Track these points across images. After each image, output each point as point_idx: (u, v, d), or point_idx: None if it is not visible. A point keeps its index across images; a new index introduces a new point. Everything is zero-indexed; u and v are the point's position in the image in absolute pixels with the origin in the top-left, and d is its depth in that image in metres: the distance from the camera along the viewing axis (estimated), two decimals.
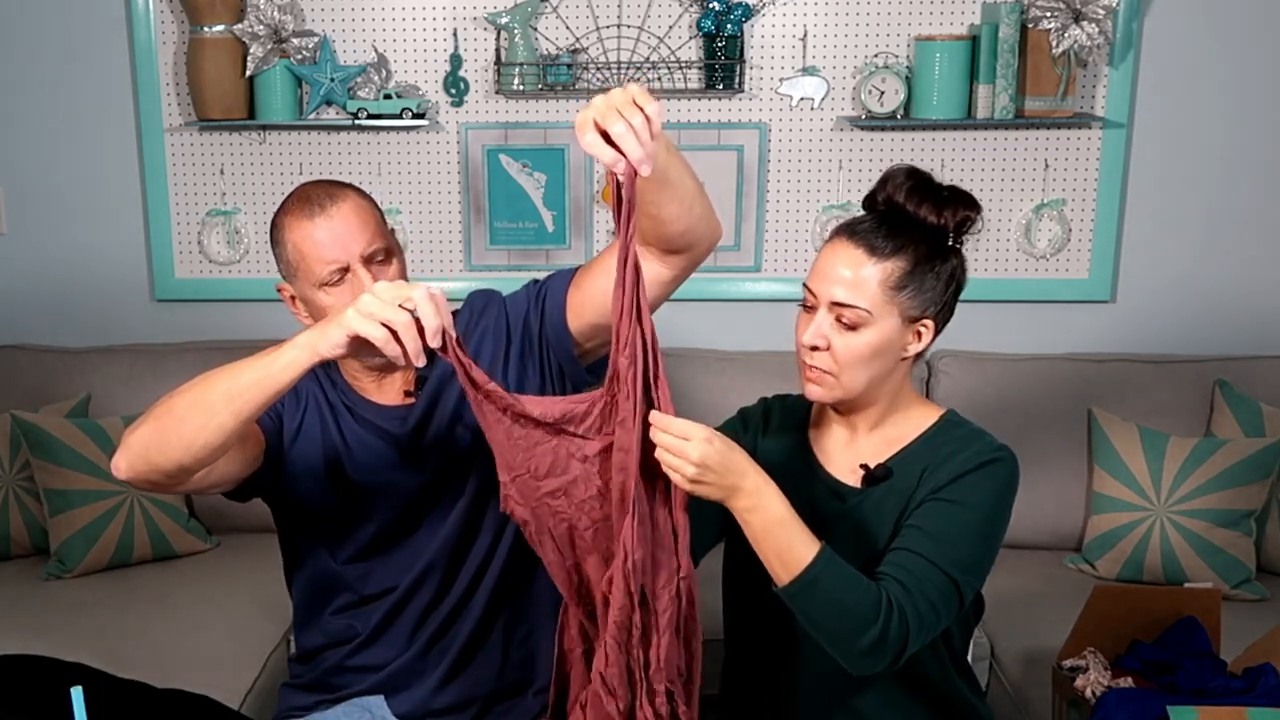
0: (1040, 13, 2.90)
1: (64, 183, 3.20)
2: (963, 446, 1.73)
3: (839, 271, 1.69)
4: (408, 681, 1.93)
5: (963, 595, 1.67)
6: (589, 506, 1.58)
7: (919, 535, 1.66)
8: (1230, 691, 1.95)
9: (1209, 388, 2.99)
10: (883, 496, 1.74)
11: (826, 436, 1.84)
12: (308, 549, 1.95)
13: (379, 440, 1.87)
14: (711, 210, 1.75)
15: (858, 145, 3.12)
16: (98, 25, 3.11)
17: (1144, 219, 3.17)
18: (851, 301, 1.68)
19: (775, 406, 1.94)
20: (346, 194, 1.83)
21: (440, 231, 3.19)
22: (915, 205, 1.70)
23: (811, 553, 1.58)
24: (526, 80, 3.04)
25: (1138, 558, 2.80)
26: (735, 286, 3.20)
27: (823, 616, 1.60)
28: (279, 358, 1.54)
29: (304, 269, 1.80)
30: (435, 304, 1.49)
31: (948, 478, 1.69)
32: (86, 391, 3.04)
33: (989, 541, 1.71)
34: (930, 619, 1.63)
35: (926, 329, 1.73)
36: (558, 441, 1.57)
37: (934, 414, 1.80)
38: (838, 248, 1.71)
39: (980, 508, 1.69)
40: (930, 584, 1.63)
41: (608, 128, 1.44)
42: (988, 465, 1.70)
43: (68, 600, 2.72)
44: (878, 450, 1.78)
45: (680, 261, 1.77)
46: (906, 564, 1.64)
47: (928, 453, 1.74)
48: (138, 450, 1.61)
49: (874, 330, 1.68)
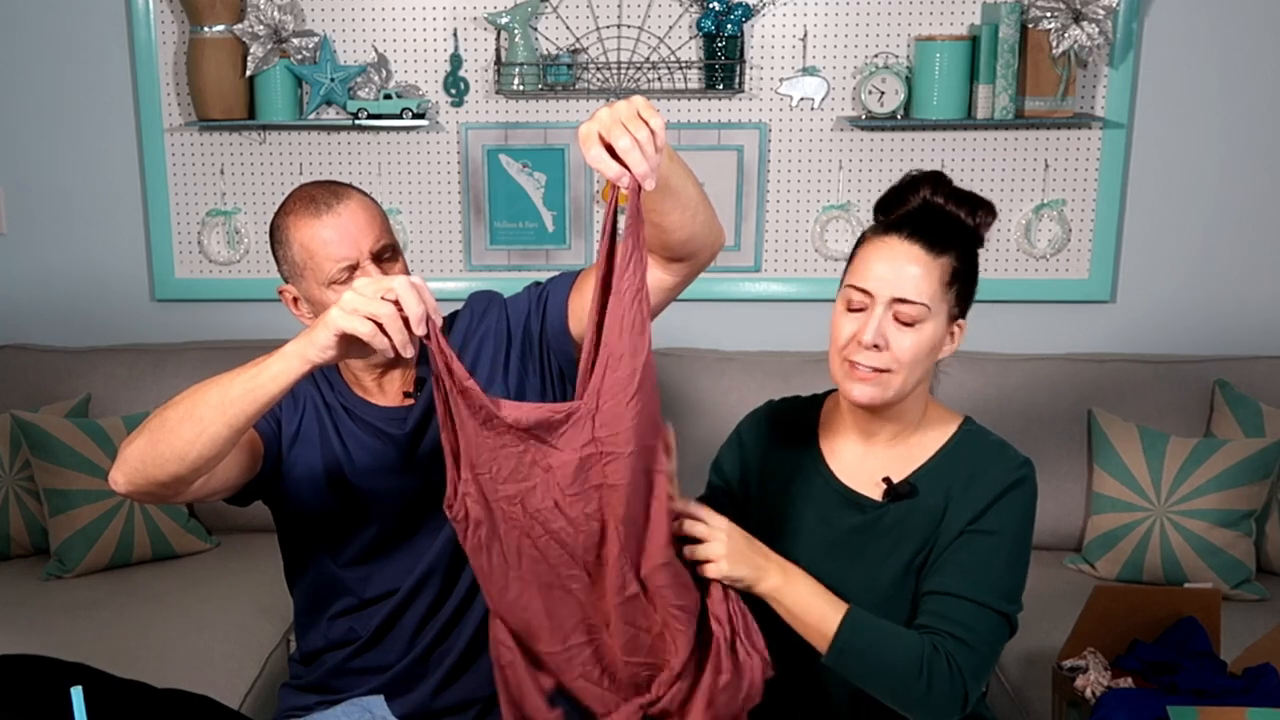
0: (1040, 13, 2.90)
1: (64, 183, 3.20)
2: (988, 464, 1.72)
3: (903, 267, 1.67)
4: (408, 684, 1.92)
5: (1013, 624, 1.68)
6: (544, 518, 1.55)
7: (961, 576, 1.65)
8: (1230, 691, 1.95)
9: (1209, 388, 2.99)
10: (907, 513, 1.72)
11: (840, 444, 1.81)
12: (308, 553, 1.95)
13: (378, 442, 1.87)
14: (714, 217, 1.75)
15: (858, 145, 3.12)
16: (98, 25, 3.11)
17: (1144, 219, 3.17)
18: (915, 297, 1.66)
19: (776, 413, 1.91)
20: (351, 193, 1.83)
21: (440, 231, 3.19)
22: (955, 206, 1.70)
23: (838, 619, 1.60)
24: (526, 80, 3.04)
25: (1138, 558, 2.80)
26: (735, 286, 3.20)
27: (867, 677, 1.62)
28: (268, 368, 1.54)
29: (312, 267, 1.80)
30: (417, 291, 1.48)
31: (981, 504, 1.68)
32: (86, 391, 3.04)
33: (1024, 561, 1.71)
34: (989, 659, 1.64)
35: (960, 329, 1.74)
36: (524, 447, 1.54)
37: (953, 423, 1.79)
38: (892, 244, 1.69)
39: (1014, 532, 1.69)
40: (983, 626, 1.64)
41: (613, 142, 1.44)
42: (1016, 487, 1.70)
43: (68, 600, 2.72)
44: (898, 462, 1.76)
45: (684, 269, 1.77)
46: (955, 614, 1.64)
47: (951, 469, 1.73)
48: (134, 464, 1.61)
49: (930, 326, 1.68)
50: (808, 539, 1.77)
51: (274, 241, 1.87)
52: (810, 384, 1.99)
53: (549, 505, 1.55)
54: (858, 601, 1.68)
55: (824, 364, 3.01)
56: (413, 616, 1.91)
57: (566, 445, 1.53)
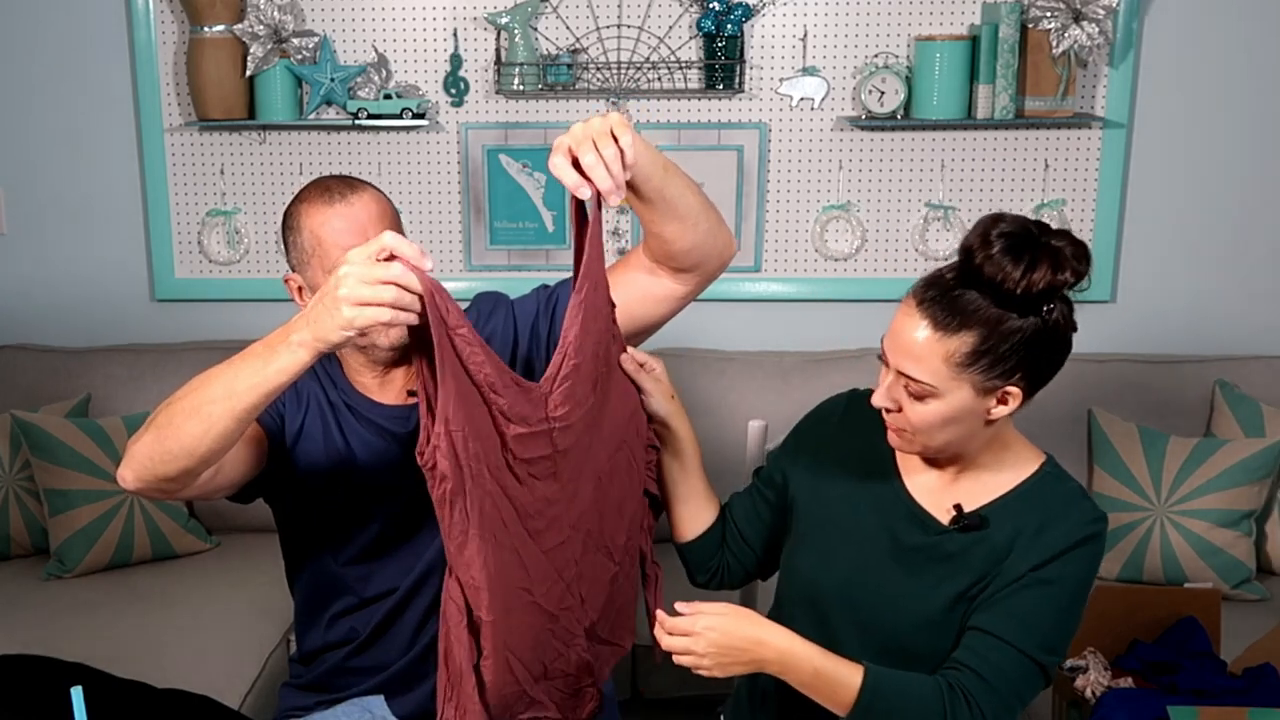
0: (1040, 13, 2.90)
1: (64, 183, 3.21)
2: (1063, 513, 1.65)
3: (902, 341, 1.60)
4: (408, 683, 1.92)
5: (1049, 676, 1.65)
6: (503, 479, 1.57)
7: (1010, 621, 1.61)
8: (1230, 691, 1.95)
9: (1209, 388, 2.99)
10: (972, 544, 1.67)
11: (917, 460, 1.75)
12: (308, 551, 1.95)
13: (381, 441, 1.87)
14: (720, 227, 1.74)
15: (858, 145, 3.12)
16: (98, 25, 3.11)
17: (1144, 219, 3.17)
18: (915, 376, 1.59)
19: (862, 402, 1.80)
20: (366, 187, 1.84)
21: (440, 231, 3.19)
22: (995, 269, 1.54)
23: (856, 682, 1.58)
24: (526, 80, 3.04)
25: (1138, 558, 2.80)
26: (735, 286, 3.20)
27: None
28: (275, 360, 1.52)
29: (320, 254, 1.80)
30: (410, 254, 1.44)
31: (1049, 553, 1.62)
32: (86, 391, 3.04)
33: (1077, 617, 1.67)
34: (1011, 703, 1.62)
35: (1012, 395, 1.60)
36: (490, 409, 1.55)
37: (1034, 461, 1.71)
38: (907, 312, 1.60)
39: (1074, 589, 1.64)
40: (1014, 671, 1.60)
41: (579, 157, 1.48)
42: (1088, 542, 1.63)
43: (68, 600, 2.72)
44: (972, 492, 1.70)
45: (692, 278, 1.78)
46: (988, 654, 1.61)
47: (1024, 510, 1.66)
48: (142, 461, 1.61)
49: (942, 402, 1.59)
50: (872, 544, 1.73)
51: (285, 228, 1.86)
52: (810, 384, 1.99)
53: (506, 465, 1.57)
54: (908, 618, 1.67)
55: (823, 364, 3.04)
56: (413, 616, 1.91)
57: (519, 418, 1.56)
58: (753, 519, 1.88)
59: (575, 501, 1.67)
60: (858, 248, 3.18)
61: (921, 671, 1.64)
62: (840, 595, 1.73)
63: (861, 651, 1.66)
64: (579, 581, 1.70)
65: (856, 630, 1.71)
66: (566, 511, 1.66)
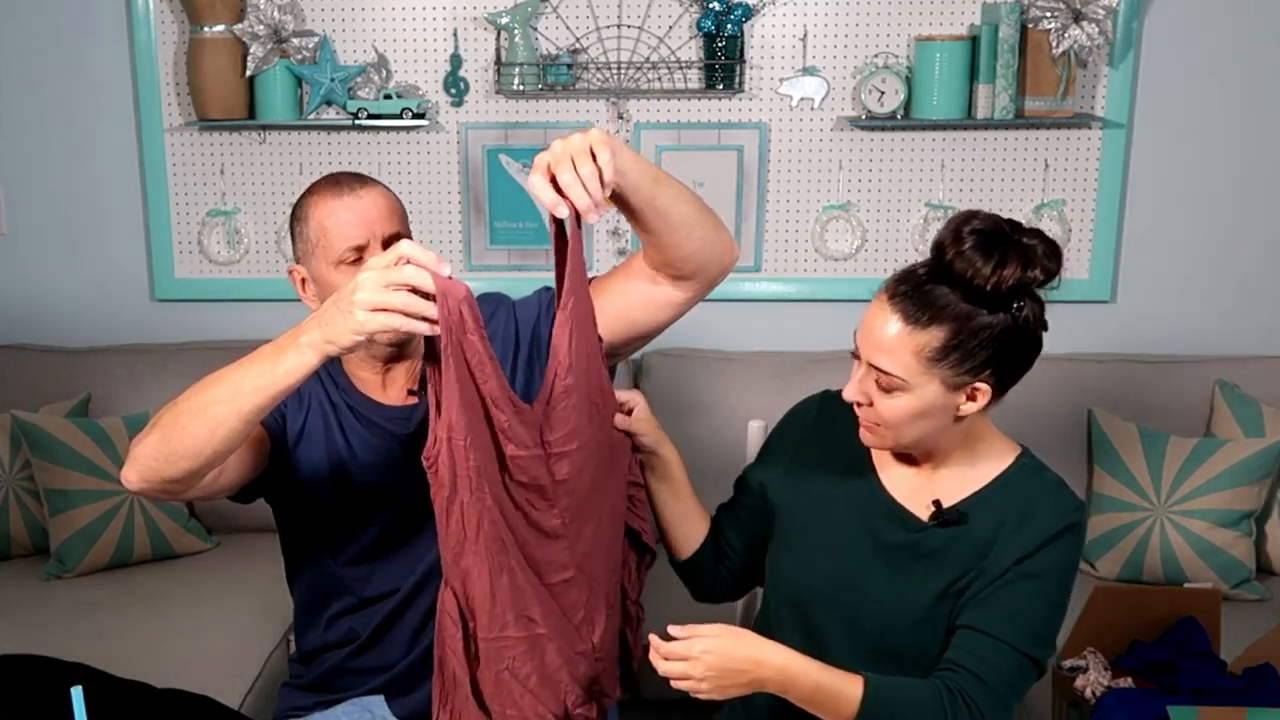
0: (1040, 13, 2.90)
1: (64, 182, 3.20)
2: (1043, 503, 1.66)
3: (874, 334, 1.61)
4: (408, 684, 1.92)
5: (1042, 668, 1.66)
6: (499, 496, 1.56)
7: (1000, 617, 1.62)
8: (1230, 691, 1.95)
9: (1209, 388, 2.99)
10: (953, 539, 1.68)
11: (891, 456, 1.76)
12: (308, 551, 1.95)
13: (382, 441, 1.87)
14: (718, 233, 1.73)
15: (858, 145, 3.12)
16: (98, 25, 3.11)
17: (1144, 219, 3.17)
18: (885, 368, 1.60)
19: (834, 402, 1.80)
20: (375, 183, 1.86)
21: (440, 231, 3.19)
22: (965, 265, 1.56)
23: (857, 694, 1.58)
24: (526, 80, 3.04)
25: (1138, 558, 2.80)
26: (735, 286, 3.19)
27: None
28: (283, 361, 1.53)
29: (324, 244, 1.80)
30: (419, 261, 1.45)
31: (1032, 545, 1.63)
32: (86, 391, 3.04)
33: (1064, 607, 1.68)
34: (1007, 699, 1.63)
35: (981, 392, 1.62)
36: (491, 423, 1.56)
37: (1010, 454, 1.72)
38: (879, 307, 1.62)
39: (1059, 578, 1.65)
40: (1008, 667, 1.61)
41: (556, 175, 1.48)
42: (1069, 532, 1.65)
43: (68, 600, 2.72)
44: (949, 487, 1.71)
45: (692, 285, 1.77)
46: (983, 654, 1.61)
47: (1003, 502, 1.67)
48: (147, 462, 1.61)
49: (912, 396, 1.60)
50: (853, 542, 1.73)
51: (293, 219, 1.87)
52: (810, 384, 1.98)
53: (503, 484, 1.57)
54: (894, 616, 1.67)
55: (823, 364, 3.04)
56: (413, 616, 1.90)
57: (517, 440, 1.57)
58: (739, 528, 1.89)
59: (578, 542, 1.66)
60: (858, 248, 3.18)
61: (912, 669, 1.65)
62: (824, 595, 1.73)
63: (850, 651, 1.67)
64: (588, 628, 1.70)
65: (844, 629, 1.71)
66: (569, 550, 1.65)
